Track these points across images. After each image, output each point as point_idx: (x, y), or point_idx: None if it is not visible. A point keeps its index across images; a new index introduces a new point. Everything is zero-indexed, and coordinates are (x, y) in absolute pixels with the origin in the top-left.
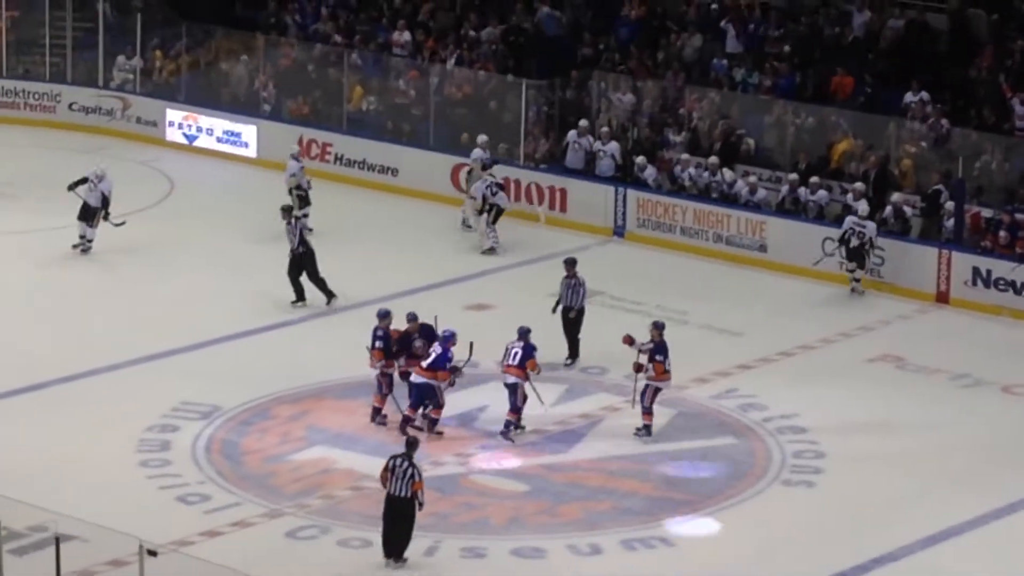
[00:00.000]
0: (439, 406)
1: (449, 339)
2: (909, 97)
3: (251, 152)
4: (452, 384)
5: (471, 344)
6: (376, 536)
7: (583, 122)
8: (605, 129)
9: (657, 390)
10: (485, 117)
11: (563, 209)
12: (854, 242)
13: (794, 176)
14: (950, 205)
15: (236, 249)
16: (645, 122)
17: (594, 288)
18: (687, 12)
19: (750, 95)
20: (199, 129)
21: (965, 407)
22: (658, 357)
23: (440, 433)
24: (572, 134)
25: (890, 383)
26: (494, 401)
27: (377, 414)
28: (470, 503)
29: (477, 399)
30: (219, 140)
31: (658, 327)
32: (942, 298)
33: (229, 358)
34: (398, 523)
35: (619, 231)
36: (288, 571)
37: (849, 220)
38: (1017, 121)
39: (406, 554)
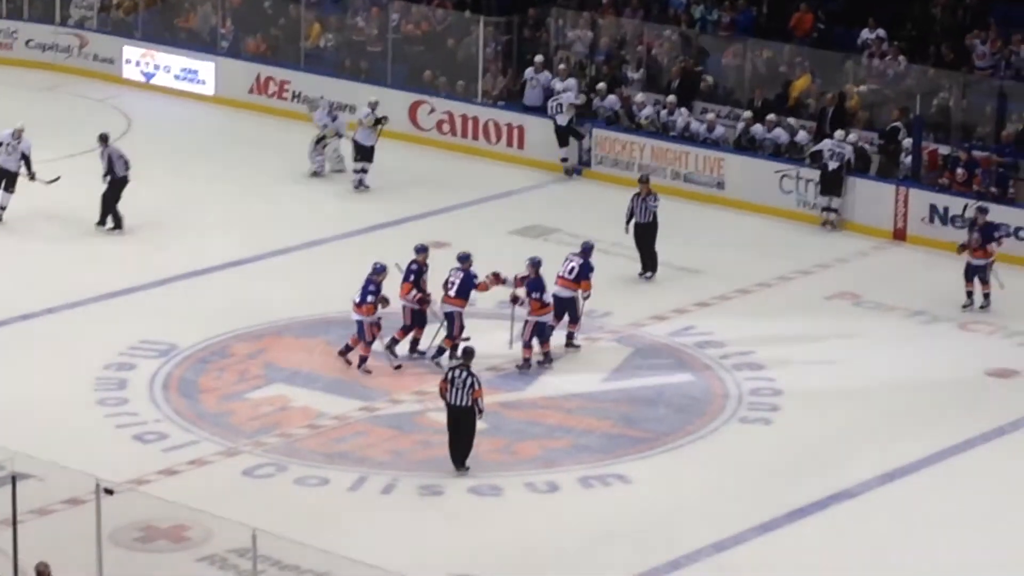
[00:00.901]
0: (454, 336)
1: (466, 260)
2: (866, 34)
3: (208, 90)
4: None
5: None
6: (333, 473)
7: (539, 58)
8: (563, 67)
9: (537, 325)
10: (442, 54)
11: (521, 146)
12: (832, 165)
13: (748, 113)
14: (907, 142)
15: (193, 186)
16: (603, 59)
17: (552, 226)
18: None
19: (708, 32)
20: (156, 67)
21: (922, 344)
22: (534, 294)
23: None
24: (529, 71)
25: (847, 320)
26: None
27: (359, 359)
28: (427, 441)
29: (435, 337)
30: (176, 78)
31: (534, 263)
32: (899, 235)
33: (187, 296)
34: (461, 431)
35: (578, 168)
36: (245, 509)
37: (827, 142)
38: (976, 60)
39: (468, 462)
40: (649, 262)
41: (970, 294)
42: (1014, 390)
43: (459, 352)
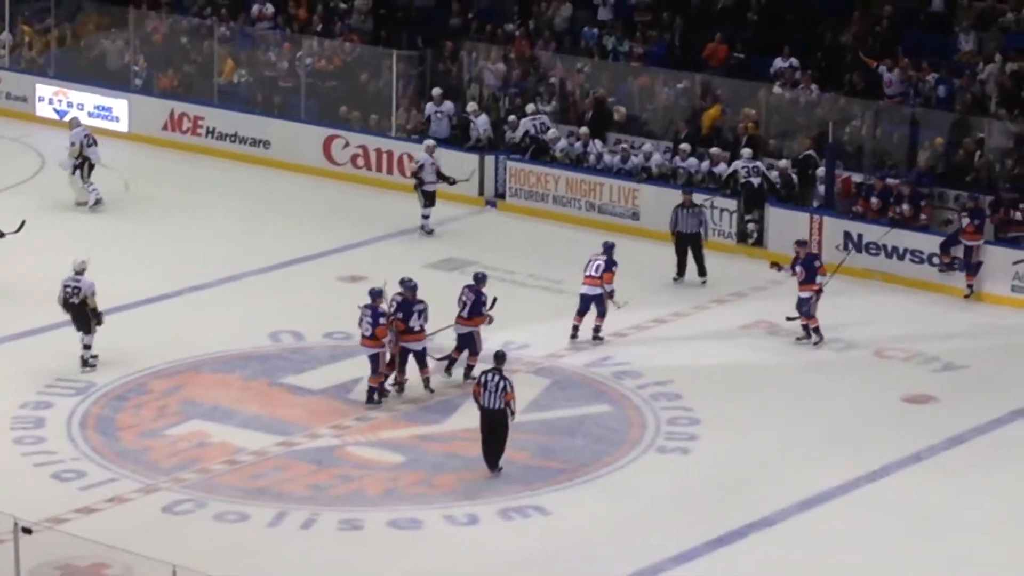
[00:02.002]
0: (476, 353)
1: (482, 281)
2: (779, 63)
3: (122, 126)
4: (491, 322)
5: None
6: (252, 508)
7: (436, 90)
8: (473, 106)
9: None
10: (355, 88)
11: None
12: (755, 181)
13: (648, 147)
14: (821, 171)
15: (108, 223)
16: (516, 92)
17: (468, 258)
18: None
19: (621, 63)
20: (70, 104)
21: (838, 371)
22: (399, 314)
23: (475, 379)
24: (430, 106)
25: (764, 348)
26: (367, 373)
27: (369, 390)
28: (347, 475)
29: (353, 371)
30: (90, 115)
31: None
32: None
33: (105, 333)
34: (495, 434)
35: (492, 201)
36: (165, 545)
37: (737, 163)
38: (885, 87)
39: (501, 462)
40: (701, 268)
41: (805, 327)
42: (930, 416)
43: (495, 355)
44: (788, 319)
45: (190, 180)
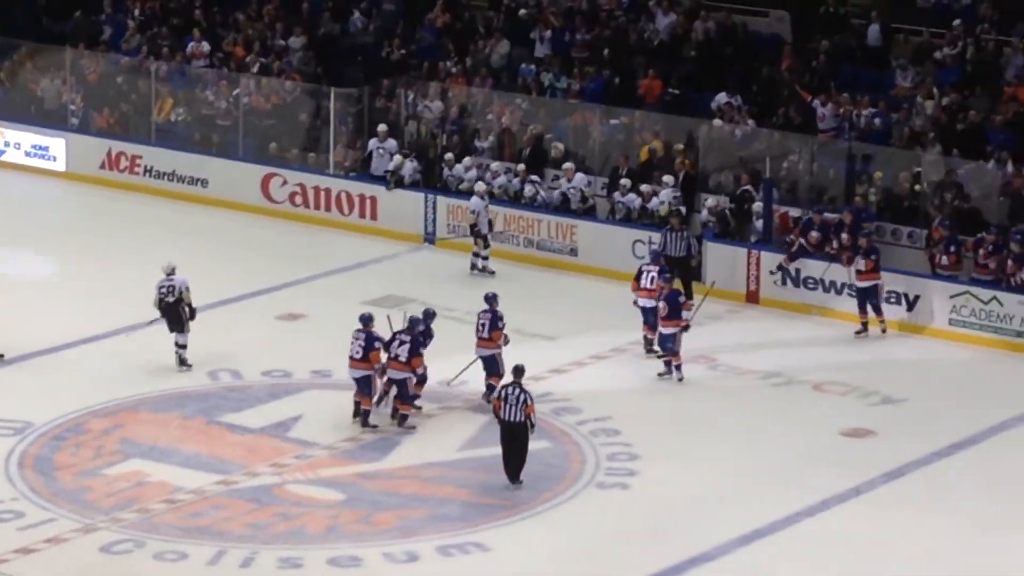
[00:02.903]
0: (500, 374)
1: (493, 301)
2: (723, 98)
3: (59, 166)
4: (507, 342)
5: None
6: (191, 547)
7: (382, 127)
8: (398, 157)
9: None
10: (294, 126)
11: (374, 217)
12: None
13: (565, 183)
14: (758, 205)
15: (46, 263)
16: (454, 128)
17: (406, 295)
18: (495, 18)
19: (559, 99)
20: (6, 143)
21: (778, 406)
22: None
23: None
24: (373, 142)
25: (703, 383)
26: (308, 411)
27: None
28: (286, 513)
29: (292, 409)
30: (27, 154)
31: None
32: (752, 298)
33: (41, 374)
34: (515, 447)
35: (429, 238)
36: None
37: (666, 194)
38: (819, 121)
39: (521, 476)
40: (687, 291)
41: (667, 364)
42: (869, 450)
43: (513, 369)
44: (657, 357)
45: (127, 219)
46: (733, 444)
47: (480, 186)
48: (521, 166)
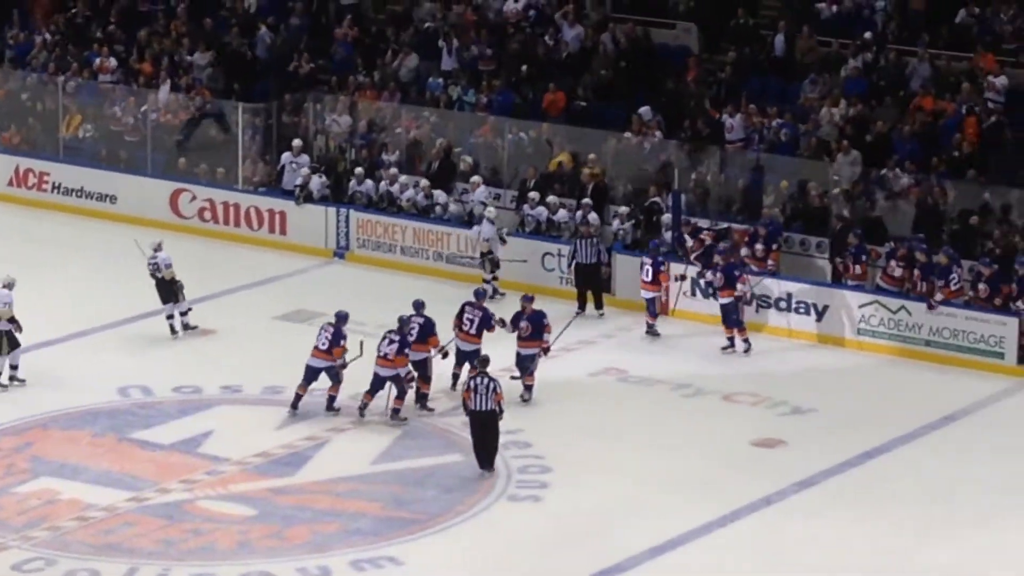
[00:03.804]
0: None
1: (482, 296)
2: (646, 112)
3: None
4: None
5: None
6: (103, 565)
7: (296, 142)
8: (306, 171)
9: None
10: (203, 142)
11: (283, 232)
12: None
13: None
14: (667, 217)
15: None
16: (362, 142)
17: (316, 310)
18: (402, 32)
19: (467, 112)
20: None
21: (688, 416)
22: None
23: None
24: (286, 156)
25: (613, 396)
26: (219, 427)
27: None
28: (198, 529)
29: (202, 424)
30: None
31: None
32: (663, 309)
33: None
34: (487, 435)
35: (340, 252)
36: None
37: (562, 214)
38: (727, 132)
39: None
40: (598, 301)
41: (528, 387)
42: (779, 460)
43: (479, 360)
44: (512, 378)
45: (36, 236)
46: (644, 455)
47: (491, 211)
48: (424, 181)
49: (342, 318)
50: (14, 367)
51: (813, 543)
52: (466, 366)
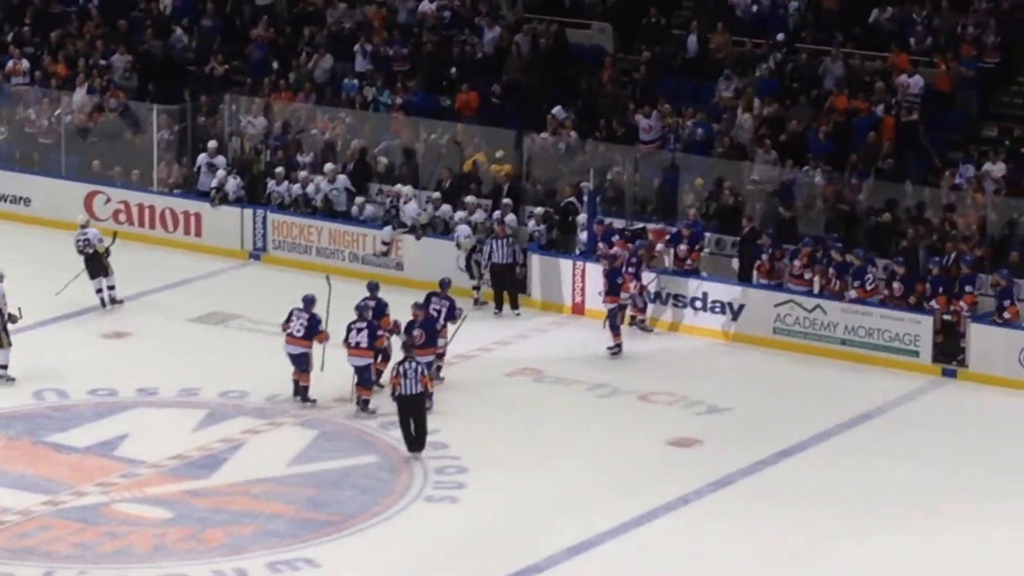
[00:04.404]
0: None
1: (447, 286)
2: (559, 111)
3: None
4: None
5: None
6: (18, 569)
7: (212, 144)
8: (222, 172)
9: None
10: (117, 143)
11: (199, 234)
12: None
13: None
14: (582, 218)
15: None
16: (277, 144)
17: (232, 312)
18: (317, 33)
19: (382, 113)
20: None
21: (605, 416)
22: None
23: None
24: (202, 157)
25: (530, 396)
26: (135, 429)
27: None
28: (114, 532)
29: (118, 427)
30: None
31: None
32: (578, 310)
33: None
34: (416, 418)
35: (256, 254)
36: None
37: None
38: (644, 133)
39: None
40: (513, 301)
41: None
42: (696, 459)
43: (402, 346)
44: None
45: None
46: (561, 455)
47: (464, 240)
48: (343, 177)
49: (310, 301)
50: (4, 365)
51: (730, 542)
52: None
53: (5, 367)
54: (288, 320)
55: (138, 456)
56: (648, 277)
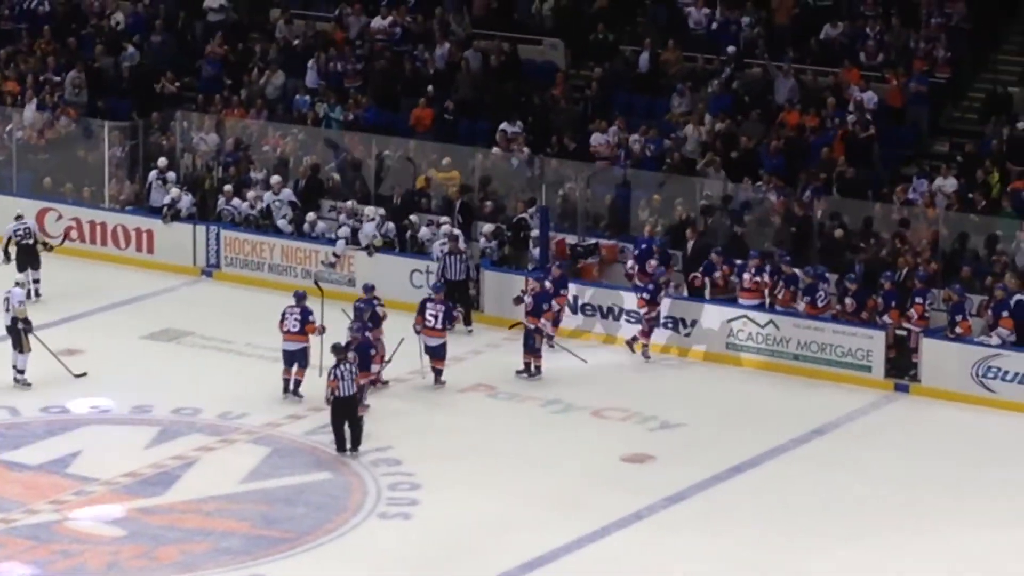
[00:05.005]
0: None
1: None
2: (507, 126)
3: None
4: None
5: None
6: None
7: (162, 161)
8: (175, 190)
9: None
10: (69, 160)
11: (151, 251)
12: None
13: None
14: (535, 233)
15: None
16: (229, 160)
17: (184, 329)
18: (269, 49)
19: (334, 130)
20: None
21: (558, 432)
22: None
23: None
24: (153, 174)
25: (483, 412)
26: (88, 447)
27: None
28: (67, 550)
29: (70, 444)
30: None
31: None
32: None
33: None
34: (352, 418)
35: (208, 271)
36: None
37: (436, 242)
38: (597, 149)
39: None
40: (466, 318)
41: None
42: (649, 475)
43: (332, 348)
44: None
45: None
46: (514, 471)
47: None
48: (288, 191)
49: (301, 296)
50: (22, 370)
51: (683, 558)
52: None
53: (23, 372)
54: (282, 319)
55: (91, 473)
56: (666, 304)
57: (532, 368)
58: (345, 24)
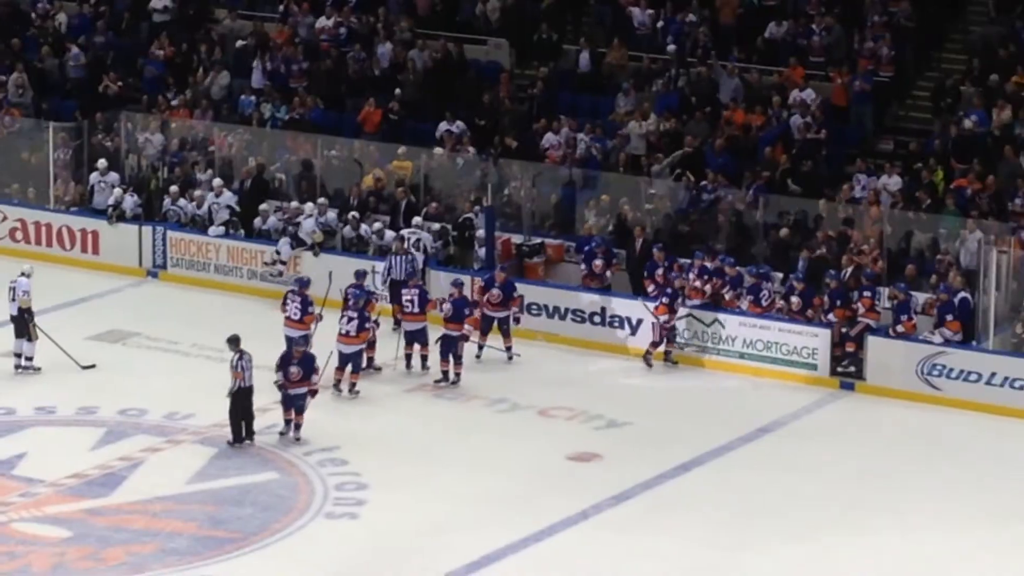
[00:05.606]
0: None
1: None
2: (444, 126)
3: None
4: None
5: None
6: None
7: (102, 162)
8: (118, 190)
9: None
10: (13, 161)
11: (96, 251)
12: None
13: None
14: (480, 233)
15: None
16: (175, 161)
17: (130, 329)
18: (214, 50)
19: (279, 130)
20: None
21: (504, 431)
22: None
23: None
24: (94, 176)
25: (429, 412)
26: (33, 448)
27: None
28: (12, 552)
29: (16, 446)
30: None
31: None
32: (476, 325)
33: None
34: (250, 407)
35: (154, 272)
36: None
37: (408, 232)
38: (544, 148)
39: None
40: None
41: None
42: (596, 473)
43: (228, 340)
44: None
45: None
46: (461, 471)
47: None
48: (229, 192)
49: (304, 283)
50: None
51: (630, 557)
52: (416, 346)
53: (31, 359)
54: (284, 303)
55: (36, 475)
56: (683, 311)
57: (451, 376)
58: (291, 24)
